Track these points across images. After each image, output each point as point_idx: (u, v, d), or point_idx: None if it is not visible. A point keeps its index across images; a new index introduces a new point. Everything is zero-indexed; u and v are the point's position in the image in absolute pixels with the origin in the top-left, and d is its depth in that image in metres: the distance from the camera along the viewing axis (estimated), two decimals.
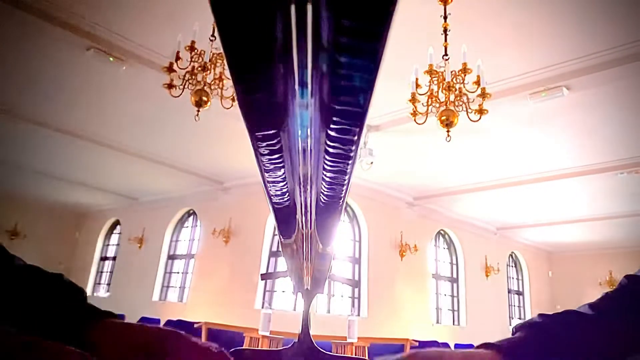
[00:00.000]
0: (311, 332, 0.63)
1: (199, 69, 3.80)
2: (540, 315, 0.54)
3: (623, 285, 0.55)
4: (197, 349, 0.50)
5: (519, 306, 12.40)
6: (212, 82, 3.85)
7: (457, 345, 8.25)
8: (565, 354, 0.48)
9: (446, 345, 6.42)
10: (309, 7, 0.23)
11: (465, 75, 3.57)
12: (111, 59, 4.97)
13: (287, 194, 0.47)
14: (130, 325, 0.53)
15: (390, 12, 0.23)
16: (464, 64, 3.54)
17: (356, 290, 8.67)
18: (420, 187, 8.76)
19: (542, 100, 5.14)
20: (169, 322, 7.54)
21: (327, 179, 0.43)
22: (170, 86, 3.83)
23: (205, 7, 0.23)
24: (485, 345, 0.50)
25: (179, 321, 6.89)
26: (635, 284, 0.54)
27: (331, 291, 8.38)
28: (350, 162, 0.39)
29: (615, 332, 0.50)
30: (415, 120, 3.72)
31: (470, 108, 3.59)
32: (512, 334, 0.53)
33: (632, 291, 0.54)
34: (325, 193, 0.46)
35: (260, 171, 0.42)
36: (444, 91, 3.60)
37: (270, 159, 0.39)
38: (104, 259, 12.31)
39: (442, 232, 10.62)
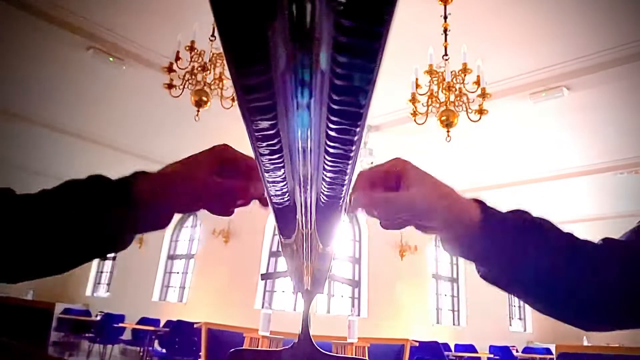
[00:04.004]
0: (311, 333, 0.63)
1: (199, 69, 3.81)
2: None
3: (599, 244, 0.56)
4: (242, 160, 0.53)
5: (519, 306, 12.39)
6: (212, 82, 3.86)
7: (457, 346, 8.25)
8: (531, 245, 0.49)
9: (446, 346, 6.42)
10: (309, 7, 0.23)
11: (465, 75, 3.58)
12: (111, 59, 4.97)
13: (287, 194, 0.47)
14: (174, 166, 0.53)
15: (390, 12, 0.23)
16: (464, 64, 3.55)
17: (356, 290, 8.67)
18: None
19: (542, 100, 5.14)
20: (168, 323, 7.55)
21: (327, 179, 0.43)
22: (170, 86, 3.83)
23: (205, 7, 0.23)
24: (474, 199, 0.51)
25: (179, 321, 6.89)
26: (612, 244, 0.54)
27: (331, 291, 8.38)
28: (350, 162, 0.39)
29: (576, 262, 0.50)
30: (415, 120, 3.72)
31: (470, 108, 3.59)
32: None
33: (605, 247, 0.54)
34: (325, 193, 0.46)
35: (260, 171, 0.42)
36: (444, 91, 3.60)
37: (270, 159, 0.39)
38: (104, 258, 12.31)
39: None
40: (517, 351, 8.94)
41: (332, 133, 0.34)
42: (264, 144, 0.37)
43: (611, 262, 0.51)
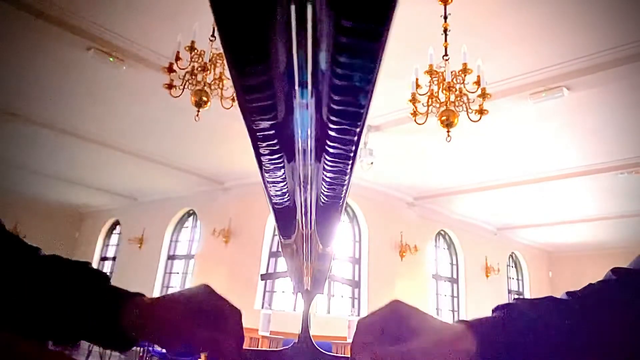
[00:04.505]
0: (311, 333, 0.63)
1: (199, 69, 3.80)
2: (518, 298, 0.54)
3: (609, 278, 0.55)
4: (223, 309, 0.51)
5: None
6: (212, 82, 3.85)
7: None
8: (536, 337, 0.48)
9: None
10: (309, 7, 0.23)
11: (465, 76, 3.57)
12: (111, 59, 4.97)
13: (287, 194, 0.47)
14: (158, 300, 0.53)
15: (390, 12, 0.23)
16: (464, 64, 3.54)
17: (356, 290, 8.66)
18: (420, 187, 8.76)
19: (542, 100, 5.14)
20: None
21: (327, 179, 0.43)
22: (170, 86, 3.83)
23: (205, 7, 0.23)
24: (460, 322, 0.51)
25: None
26: (625, 276, 0.54)
27: (331, 291, 8.38)
28: (350, 162, 0.39)
29: (591, 322, 0.49)
30: (415, 120, 3.72)
31: (470, 108, 3.59)
32: (492, 314, 0.54)
33: (621, 283, 0.53)
34: (325, 193, 0.46)
35: (260, 171, 0.42)
36: (444, 91, 3.60)
37: (270, 159, 0.39)
38: (103, 259, 12.31)
39: (442, 232, 10.62)
40: None
41: (332, 133, 0.34)
42: (264, 144, 0.37)
43: (623, 299, 0.50)
